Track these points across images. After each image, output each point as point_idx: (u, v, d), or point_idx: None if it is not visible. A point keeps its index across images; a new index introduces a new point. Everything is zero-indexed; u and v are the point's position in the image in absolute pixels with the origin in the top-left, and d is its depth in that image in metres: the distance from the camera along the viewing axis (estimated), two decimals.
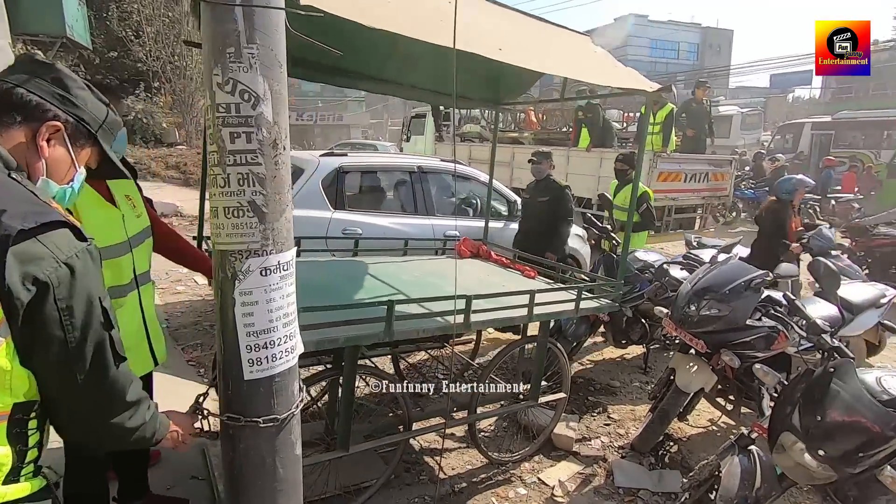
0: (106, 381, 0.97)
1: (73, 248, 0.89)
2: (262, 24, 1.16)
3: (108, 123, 1.11)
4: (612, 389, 3.69)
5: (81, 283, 0.89)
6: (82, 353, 0.91)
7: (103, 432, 1.04)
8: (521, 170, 8.62)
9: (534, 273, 3.18)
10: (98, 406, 0.99)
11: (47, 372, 0.89)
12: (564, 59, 2.28)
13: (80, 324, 0.89)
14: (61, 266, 0.86)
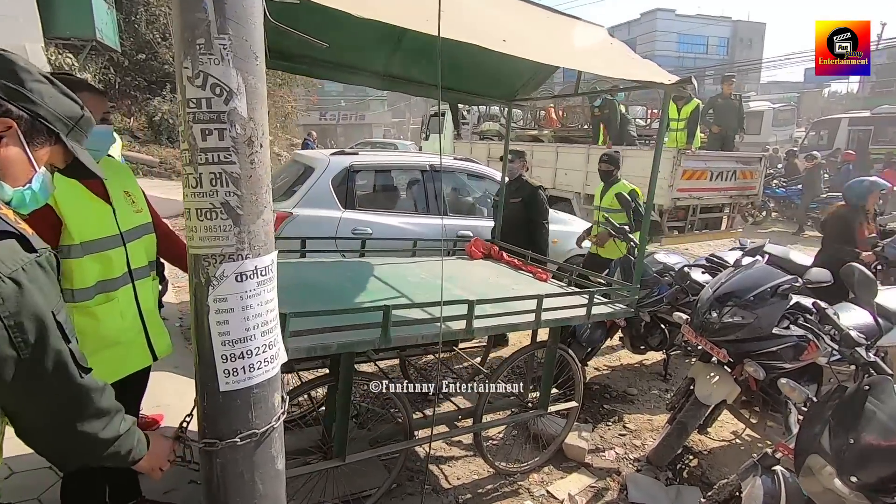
0: (70, 394, 0.93)
1: (18, 261, 0.84)
2: (235, 13, 1.08)
3: (79, 121, 1.05)
4: (629, 397, 3.53)
5: (30, 298, 0.84)
6: (39, 369, 0.87)
7: (71, 445, 0.99)
8: (540, 168, 8.44)
9: (546, 275, 3.05)
10: (63, 420, 0.95)
11: (4, 389, 0.85)
12: (575, 51, 2.16)
13: (33, 339, 0.85)
14: (6, 281, 0.81)
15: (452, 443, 2.86)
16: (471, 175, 4.77)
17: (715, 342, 2.51)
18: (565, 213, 5.90)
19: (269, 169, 1.23)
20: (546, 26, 2.35)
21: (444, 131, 11.79)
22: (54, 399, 0.91)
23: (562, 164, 7.95)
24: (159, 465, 1.20)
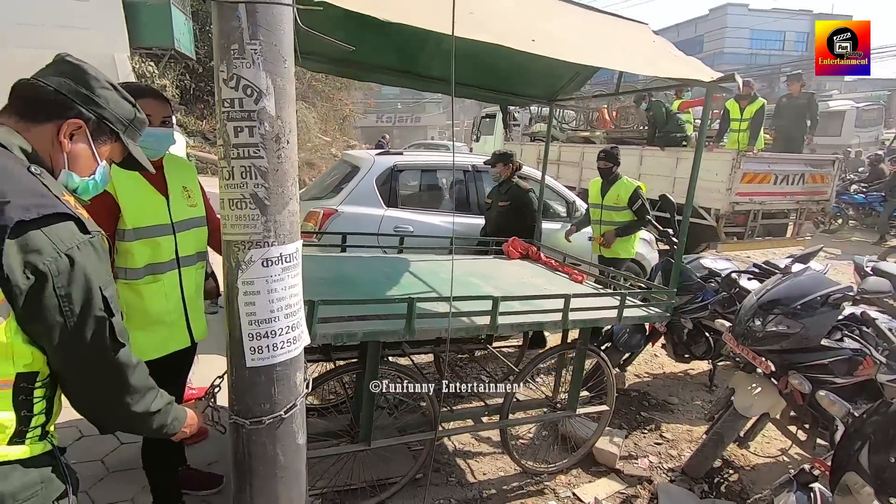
0: (106, 364, 1.02)
1: (74, 240, 0.94)
2: (266, 20, 1.19)
3: (133, 121, 1.17)
4: (669, 406, 3.41)
5: (80, 273, 0.94)
6: (82, 336, 0.96)
7: (105, 411, 1.09)
8: (590, 170, 8.27)
9: (582, 277, 3.02)
10: (98, 387, 1.04)
11: (52, 351, 0.96)
12: (609, 49, 2.13)
13: (79, 310, 0.95)
14: (62, 257, 0.92)
15: (481, 439, 2.89)
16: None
17: (758, 352, 2.40)
18: None
19: (295, 163, 1.33)
20: (583, 25, 2.34)
21: (494, 132, 11.83)
22: (90, 367, 1.01)
23: None
24: (190, 430, 1.29)
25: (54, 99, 1.02)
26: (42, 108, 1.02)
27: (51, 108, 1.02)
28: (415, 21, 1.55)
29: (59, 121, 1.03)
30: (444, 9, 1.57)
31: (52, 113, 1.03)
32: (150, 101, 1.68)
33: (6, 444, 0.92)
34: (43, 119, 1.02)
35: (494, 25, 1.84)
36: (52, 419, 1.04)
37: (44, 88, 1.02)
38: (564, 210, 4.70)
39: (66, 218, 0.94)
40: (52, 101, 1.02)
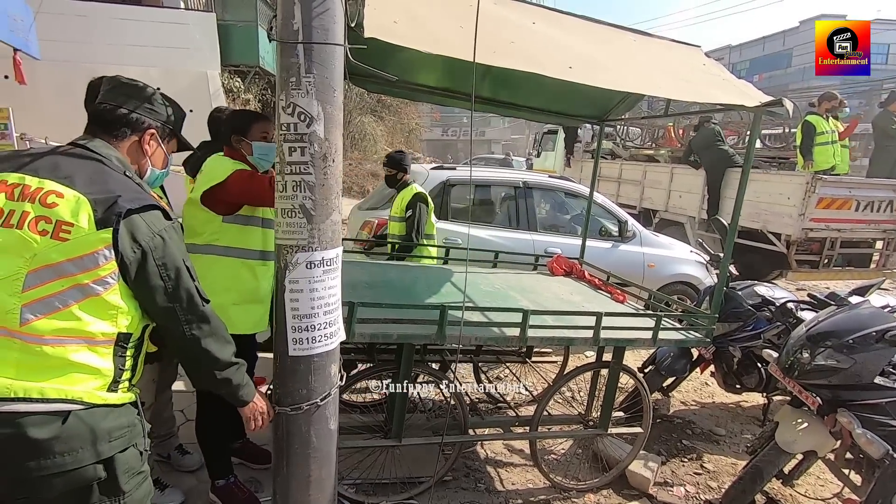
0: (197, 315, 1.26)
1: (162, 224, 1.21)
2: (320, 57, 1.38)
3: (182, 120, 1.49)
4: (715, 437, 3.29)
5: (169, 248, 1.21)
6: (178, 294, 1.22)
7: (198, 356, 1.30)
8: (653, 189, 8.06)
9: (624, 297, 3.02)
10: (191, 334, 1.27)
11: (156, 311, 1.21)
12: (650, 75, 2.17)
13: (173, 275, 1.21)
14: (156, 236, 1.18)
15: (513, 450, 2.95)
16: (567, 193, 4.79)
17: (805, 385, 2.30)
18: (673, 238, 5.59)
19: (339, 179, 1.51)
20: (628, 51, 2.39)
21: (555, 149, 11.77)
22: (186, 317, 1.25)
23: (677, 185, 7.50)
24: (260, 416, 1.48)
25: (133, 118, 1.31)
26: (125, 127, 1.31)
27: (131, 126, 1.31)
28: (455, 53, 1.70)
29: (140, 133, 1.33)
30: (483, 39, 1.71)
31: (134, 128, 1.32)
32: (267, 122, 2.09)
33: (105, 389, 1.15)
34: (129, 134, 1.31)
35: (535, 53, 1.96)
36: (136, 376, 1.26)
37: (121, 113, 1.30)
38: (616, 229, 4.65)
39: (155, 208, 1.21)
40: (131, 121, 1.31)
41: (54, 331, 1.07)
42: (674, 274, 4.70)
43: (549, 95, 3.06)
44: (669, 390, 3.45)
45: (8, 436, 1.03)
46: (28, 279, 1.06)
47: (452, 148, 35.69)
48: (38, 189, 1.10)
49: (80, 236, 1.08)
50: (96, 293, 1.11)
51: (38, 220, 1.07)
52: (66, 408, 1.07)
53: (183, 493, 2.23)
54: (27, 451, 1.04)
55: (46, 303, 1.07)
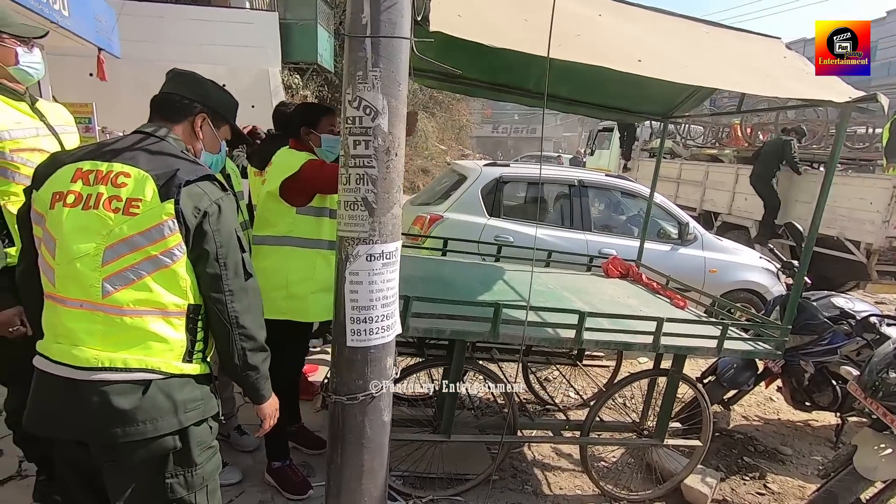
0: (241, 286, 1.26)
1: (219, 194, 1.26)
2: (387, 51, 1.39)
3: (235, 108, 1.50)
4: (780, 457, 3.08)
5: (224, 216, 1.24)
6: (226, 262, 1.23)
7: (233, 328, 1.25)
8: (715, 191, 7.66)
9: (685, 303, 2.88)
10: (233, 305, 1.25)
11: (205, 277, 1.22)
12: (724, 68, 2.04)
13: (224, 242, 1.23)
14: (213, 204, 1.22)
15: (561, 454, 2.88)
16: (624, 193, 4.63)
17: (890, 408, 2.10)
18: (737, 242, 5.28)
19: (401, 173, 1.51)
20: (702, 43, 2.26)
21: (611, 147, 11.42)
22: (230, 287, 1.24)
23: (742, 187, 7.09)
24: (273, 416, 1.46)
25: (185, 103, 1.36)
26: (179, 111, 1.35)
27: (184, 109, 1.36)
28: (520, 46, 1.66)
29: (192, 117, 1.36)
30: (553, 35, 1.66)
31: (187, 113, 1.36)
32: (334, 116, 2.12)
33: (181, 360, 1.21)
34: (182, 118, 1.35)
35: (601, 46, 1.89)
36: (208, 348, 1.32)
37: (176, 98, 1.35)
38: (676, 231, 4.44)
39: (212, 179, 1.27)
40: (184, 105, 1.36)
41: (132, 301, 1.15)
42: (738, 280, 4.44)
43: (610, 91, 2.96)
44: (730, 403, 3.26)
45: (96, 404, 1.11)
46: (106, 254, 1.14)
47: (503, 145, 35.41)
48: (108, 172, 1.17)
49: (147, 209, 1.15)
50: (166, 265, 1.17)
51: (111, 199, 1.15)
52: (146, 377, 1.15)
53: (240, 472, 2.32)
54: (113, 418, 1.12)
55: (123, 275, 1.14)
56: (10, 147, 1.67)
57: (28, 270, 1.27)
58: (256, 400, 1.40)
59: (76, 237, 1.14)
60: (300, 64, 14.16)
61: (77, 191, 1.17)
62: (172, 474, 1.21)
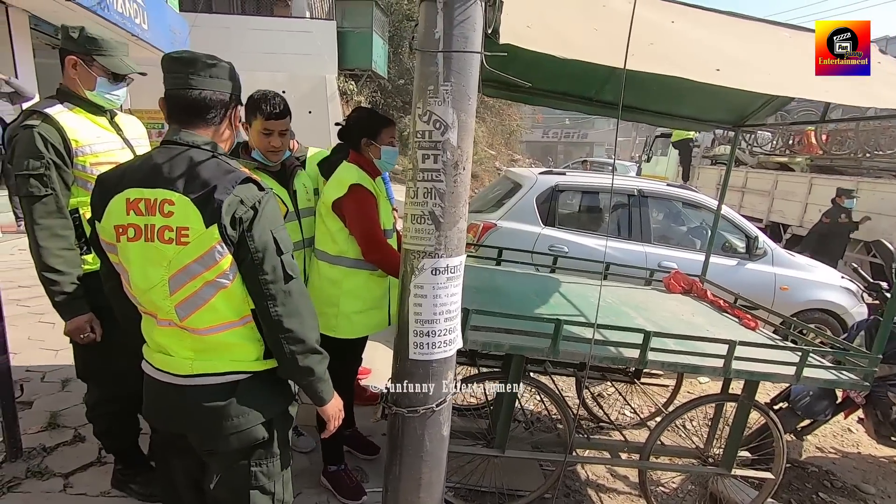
0: (279, 288, 1.21)
1: (255, 197, 1.19)
2: (458, 65, 1.39)
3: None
4: (861, 495, 2.83)
5: (260, 220, 1.19)
6: (262, 265, 1.19)
7: (280, 333, 1.23)
8: (784, 201, 7.21)
9: (756, 324, 2.70)
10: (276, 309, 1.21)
11: (248, 283, 1.21)
12: (809, 75, 1.90)
13: (260, 246, 1.19)
14: (248, 209, 1.18)
15: (617, 475, 2.78)
16: (686, 204, 4.43)
17: None
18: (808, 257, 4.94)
19: (468, 187, 1.50)
20: (782, 48, 2.12)
21: (669, 154, 10.98)
22: (271, 291, 1.20)
23: (816, 198, 6.64)
24: (337, 418, 1.43)
25: (221, 100, 1.25)
26: (214, 110, 1.24)
27: (220, 107, 1.26)
28: (593, 57, 1.62)
29: (229, 113, 1.28)
30: (620, 42, 1.61)
31: (225, 111, 1.27)
32: (394, 128, 2.15)
33: (261, 357, 1.29)
34: (219, 121, 1.27)
35: (676, 55, 1.81)
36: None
37: (207, 97, 1.22)
38: (743, 246, 4.20)
39: (248, 181, 1.20)
40: (220, 102, 1.25)
41: (205, 323, 1.21)
42: (811, 300, 4.14)
43: (678, 98, 2.83)
44: (804, 433, 3.03)
45: (195, 405, 1.24)
46: (171, 284, 1.18)
47: (552, 150, 34.91)
48: (154, 200, 1.16)
49: (196, 237, 1.15)
50: (224, 286, 1.19)
51: (163, 229, 1.16)
52: (234, 378, 1.24)
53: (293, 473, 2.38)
54: (210, 416, 1.24)
55: (190, 302, 1.19)
56: (91, 161, 1.75)
57: (115, 289, 1.33)
58: (317, 402, 1.38)
59: (143, 270, 1.19)
60: (355, 70, 14.56)
61: (135, 224, 1.17)
62: (257, 463, 1.33)
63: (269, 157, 2.03)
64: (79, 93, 1.75)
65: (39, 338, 3.39)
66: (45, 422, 2.46)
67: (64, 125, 1.68)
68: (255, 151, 2.02)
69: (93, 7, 6.65)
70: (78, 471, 2.16)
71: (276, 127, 1.97)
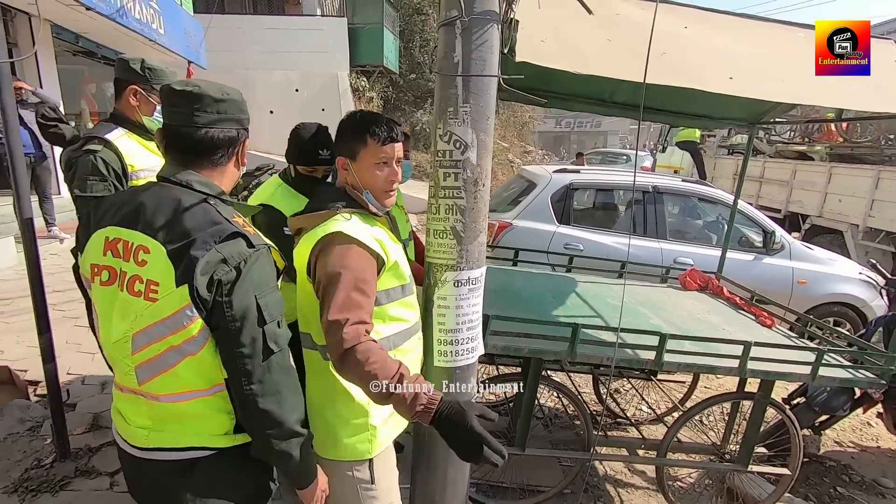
0: (257, 363, 1.05)
1: (242, 255, 1.04)
2: (477, 87, 1.45)
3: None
4: (880, 489, 2.85)
5: (243, 284, 1.03)
6: (240, 337, 1.03)
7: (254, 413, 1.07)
8: (803, 191, 7.11)
9: (772, 321, 2.73)
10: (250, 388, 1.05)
11: (222, 354, 1.06)
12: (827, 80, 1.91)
13: (239, 314, 1.03)
14: (231, 269, 1.03)
15: (634, 471, 2.84)
16: (702, 199, 4.43)
17: None
18: (828, 249, 4.90)
19: (487, 202, 1.57)
20: (797, 50, 2.12)
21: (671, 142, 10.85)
22: (245, 367, 1.04)
23: (835, 187, 6.55)
24: (320, 499, 1.26)
25: (228, 137, 1.13)
26: (222, 148, 1.13)
27: (228, 145, 1.14)
28: (609, 72, 1.67)
29: (235, 148, 1.16)
30: (634, 52, 1.65)
31: (231, 147, 1.15)
32: (405, 142, 2.17)
33: (231, 432, 1.11)
34: (226, 160, 1.15)
35: (689, 64, 1.84)
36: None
37: (216, 136, 1.10)
38: (760, 240, 4.19)
39: (235, 236, 1.05)
40: (227, 139, 1.13)
41: (166, 390, 1.06)
42: (830, 293, 4.13)
43: (693, 99, 2.84)
44: (821, 428, 3.06)
45: (152, 480, 1.11)
46: (134, 342, 1.04)
47: (565, 140, 34.58)
48: (130, 244, 1.05)
49: (165, 295, 1.01)
50: (191, 353, 1.04)
51: (133, 280, 1.03)
52: (195, 455, 1.08)
53: None
54: (167, 494, 1.10)
55: (152, 365, 1.05)
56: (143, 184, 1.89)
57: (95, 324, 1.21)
58: (295, 485, 1.22)
59: (110, 320, 1.07)
60: (367, 67, 14.59)
61: (109, 266, 1.07)
62: None
63: (386, 199, 1.42)
64: (134, 118, 1.87)
65: (76, 342, 3.56)
66: (89, 423, 2.61)
67: (122, 150, 1.79)
68: (367, 193, 1.39)
69: (112, 15, 6.80)
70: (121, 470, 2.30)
71: (396, 153, 1.43)
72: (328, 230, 1.26)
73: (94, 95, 9.56)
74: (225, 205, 1.12)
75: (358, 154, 1.36)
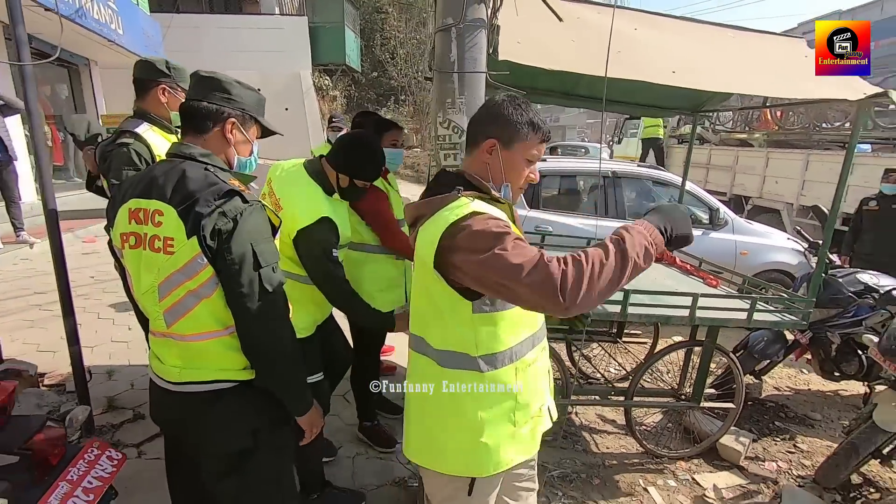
0: (254, 302, 1.22)
1: (238, 209, 1.21)
2: (470, 82, 1.75)
3: (263, 105, 1.41)
4: (810, 421, 3.35)
5: (239, 232, 1.20)
6: (239, 279, 1.21)
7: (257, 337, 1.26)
8: (745, 175, 7.78)
9: (717, 282, 3.15)
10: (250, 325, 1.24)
11: (226, 293, 1.24)
12: (747, 72, 2.31)
13: (238, 258, 1.20)
14: (229, 221, 1.20)
15: (606, 420, 3.22)
16: (655, 182, 4.89)
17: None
18: (768, 225, 5.47)
19: None
20: (725, 48, 2.53)
21: (638, 134, 11.51)
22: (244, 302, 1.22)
23: (773, 170, 7.23)
24: (316, 426, 1.45)
25: (213, 110, 1.29)
26: (207, 119, 1.29)
27: (213, 117, 1.30)
28: (575, 68, 2.00)
29: (221, 124, 1.30)
30: (593, 51, 1.99)
31: (215, 120, 1.30)
32: (395, 130, 2.46)
33: (251, 366, 1.30)
34: (210, 128, 1.30)
35: (638, 61, 2.20)
36: None
37: (203, 106, 1.29)
38: (707, 217, 4.68)
39: (232, 194, 1.22)
40: (211, 113, 1.29)
41: (189, 329, 1.25)
42: (767, 262, 4.67)
43: (643, 91, 3.23)
44: (762, 374, 3.53)
45: (184, 409, 1.31)
46: (160, 290, 1.23)
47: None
48: (148, 211, 1.23)
49: (180, 248, 1.19)
50: (206, 296, 1.23)
51: (153, 239, 1.22)
52: (220, 387, 1.28)
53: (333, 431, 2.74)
54: (199, 422, 1.30)
55: (175, 309, 1.24)
56: None
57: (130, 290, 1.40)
58: (293, 412, 1.39)
59: (139, 275, 1.26)
60: (329, 66, 14.61)
61: (134, 231, 1.25)
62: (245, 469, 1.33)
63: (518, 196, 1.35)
64: (159, 113, 2.06)
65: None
66: (105, 405, 2.76)
67: (150, 143, 1.98)
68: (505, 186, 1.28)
69: (71, 15, 6.71)
70: (146, 441, 2.48)
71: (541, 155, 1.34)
72: (461, 213, 1.14)
73: (49, 98, 9.29)
74: (223, 171, 1.30)
75: (515, 143, 1.26)
